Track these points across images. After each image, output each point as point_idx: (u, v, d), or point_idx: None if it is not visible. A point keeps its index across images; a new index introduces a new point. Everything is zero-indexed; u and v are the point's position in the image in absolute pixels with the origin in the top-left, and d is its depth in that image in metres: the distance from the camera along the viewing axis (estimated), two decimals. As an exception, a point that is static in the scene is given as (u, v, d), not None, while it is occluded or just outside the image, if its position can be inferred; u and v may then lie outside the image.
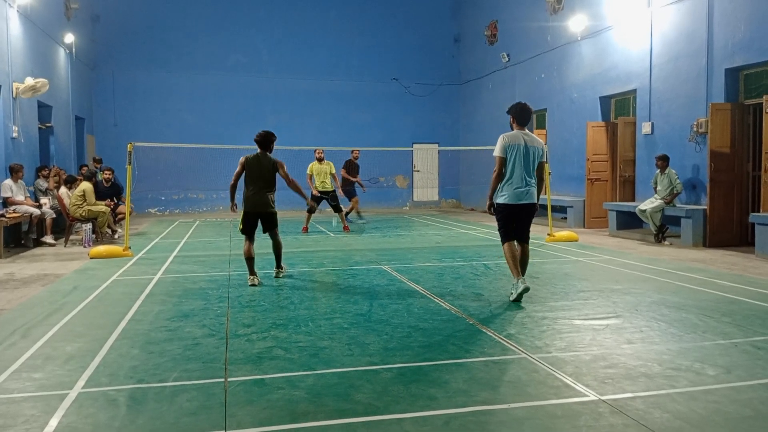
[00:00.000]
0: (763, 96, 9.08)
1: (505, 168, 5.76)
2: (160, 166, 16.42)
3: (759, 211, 9.02)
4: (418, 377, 3.65)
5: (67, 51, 14.82)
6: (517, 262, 5.73)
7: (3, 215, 9.38)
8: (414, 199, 20.76)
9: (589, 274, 7.30)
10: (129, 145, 9.31)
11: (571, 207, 13.44)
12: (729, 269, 7.61)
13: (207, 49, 18.57)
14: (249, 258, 6.75)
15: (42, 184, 11.70)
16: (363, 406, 3.22)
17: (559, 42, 14.55)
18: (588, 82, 13.61)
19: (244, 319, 5.14)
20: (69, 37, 14.59)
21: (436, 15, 20.55)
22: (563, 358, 4.02)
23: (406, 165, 20.39)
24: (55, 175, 12.20)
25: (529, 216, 5.85)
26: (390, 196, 20.26)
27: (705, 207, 9.94)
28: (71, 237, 10.75)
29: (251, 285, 6.60)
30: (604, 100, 13.32)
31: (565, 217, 13.74)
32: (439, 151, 20.35)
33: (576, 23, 13.62)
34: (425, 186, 20.85)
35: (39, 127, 12.59)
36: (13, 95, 10.95)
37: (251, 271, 6.74)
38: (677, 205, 10.37)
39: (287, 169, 6.84)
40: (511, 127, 5.95)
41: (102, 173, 12.35)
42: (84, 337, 4.58)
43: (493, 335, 4.57)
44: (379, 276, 7.21)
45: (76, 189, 10.73)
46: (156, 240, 11.18)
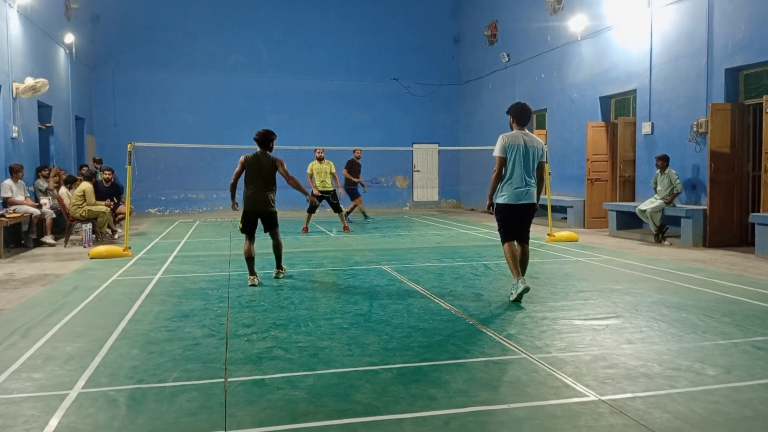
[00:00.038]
0: (763, 96, 9.08)
1: (505, 168, 5.76)
2: (160, 166, 16.39)
3: (759, 211, 9.02)
4: (418, 377, 3.65)
5: (67, 51, 14.82)
6: (517, 262, 5.73)
7: (3, 215, 9.38)
8: (414, 199, 20.76)
9: (589, 274, 7.30)
10: (129, 145, 9.31)
11: (571, 207, 13.44)
12: (729, 269, 7.62)
13: (207, 49, 18.57)
14: (249, 258, 6.75)
15: (42, 184, 11.70)
16: (363, 406, 3.22)
17: (559, 42, 14.55)
18: (588, 82, 13.61)
19: (244, 320, 5.14)
20: (69, 37, 14.60)
21: (436, 15, 20.55)
22: (563, 358, 4.02)
23: (406, 165, 20.38)
24: (55, 175, 12.20)
25: (529, 216, 5.85)
26: (390, 196, 20.25)
27: (705, 207, 9.94)
28: (71, 237, 10.75)
29: (251, 285, 6.60)
30: (604, 100, 13.32)
31: (565, 217, 13.74)
32: (439, 151, 20.33)
33: (576, 23, 13.62)
34: (425, 186, 20.84)
35: (39, 127, 12.59)
36: (13, 95, 10.95)
37: (251, 271, 6.74)
38: (677, 205, 10.37)
39: (287, 168, 6.85)
40: (511, 127, 5.94)
41: (102, 173, 12.35)
42: (84, 337, 4.59)
43: (493, 335, 4.57)
44: (379, 276, 7.21)
45: (76, 189, 10.74)
46: (156, 240, 11.18)
